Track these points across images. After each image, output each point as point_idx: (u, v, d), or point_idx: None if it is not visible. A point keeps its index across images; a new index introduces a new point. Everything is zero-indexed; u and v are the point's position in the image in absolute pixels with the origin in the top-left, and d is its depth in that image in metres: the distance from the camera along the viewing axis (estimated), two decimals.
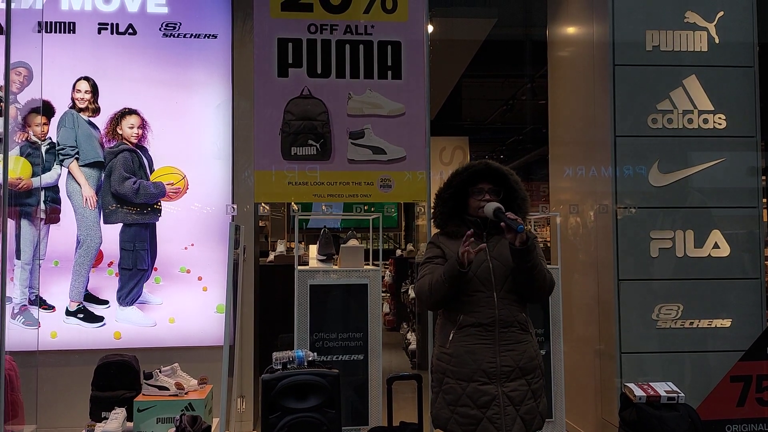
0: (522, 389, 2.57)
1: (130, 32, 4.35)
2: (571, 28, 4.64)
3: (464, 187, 2.72)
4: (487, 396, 2.54)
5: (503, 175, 2.70)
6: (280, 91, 3.78)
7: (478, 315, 2.59)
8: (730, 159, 3.89)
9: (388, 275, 8.65)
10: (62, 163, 4.27)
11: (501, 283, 2.60)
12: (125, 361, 3.81)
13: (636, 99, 3.87)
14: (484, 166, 2.71)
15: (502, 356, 2.57)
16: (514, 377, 2.57)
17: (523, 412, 2.55)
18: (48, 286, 4.24)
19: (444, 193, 2.75)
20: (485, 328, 2.58)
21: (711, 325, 3.84)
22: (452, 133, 8.96)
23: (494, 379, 2.55)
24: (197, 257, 4.35)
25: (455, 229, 2.71)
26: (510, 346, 2.58)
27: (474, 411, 2.54)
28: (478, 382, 2.55)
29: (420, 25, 3.89)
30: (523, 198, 2.71)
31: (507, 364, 2.56)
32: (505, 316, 2.59)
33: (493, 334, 2.58)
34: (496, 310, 2.58)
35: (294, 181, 3.77)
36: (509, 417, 2.53)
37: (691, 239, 3.85)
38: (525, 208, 2.71)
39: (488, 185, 2.68)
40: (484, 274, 2.61)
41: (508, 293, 2.61)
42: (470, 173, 2.71)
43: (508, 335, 2.59)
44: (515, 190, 2.70)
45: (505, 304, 2.59)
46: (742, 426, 3.78)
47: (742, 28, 3.95)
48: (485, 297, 2.59)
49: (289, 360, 2.94)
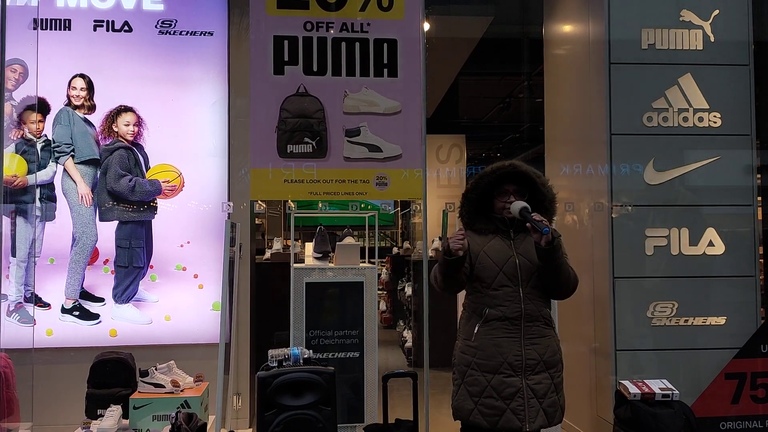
0: (546, 382, 2.63)
1: (125, 29, 4.34)
2: (567, 26, 4.65)
3: (490, 188, 2.74)
4: (511, 388, 2.59)
5: (531, 179, 2.73)
6: (276, 89, 3.77)
7: (504, 309, 2.64)
8: (725, 157, 3.90)
9: (385, 273, 8.66)
10: (58, 160, 4.26)
11: (527, 279, 2.66)
12: (121, 358, 3.80)
13: (631, 97, 3.88)
14: (511, 168, 2.73)
15: (527, 350, 2.62)
16: (539, 370, 2.63)
17: (546, 405, 2.61)
18: (43, 283, 4.24)
19: (471, 194, 2.78)
20: (511, 321, 2.63)
21: (706, 322, 3.85)
22: (449, 131, 8.95)
23: (519, 371, 2.61)
24: (193, 255, 4.35)
25: (483, 227, 2.76)
26: (535, 340, 2.64)
27: (498, 402, 2.60)
28: (503, 374, 2.61)
29: (416, 23, 3.89)
30: (551, 200, 2.75)
31: (532, 357, 2.62)
32: (531, 310, 2.64)
33: (519, 328, 2.63)
34: (522, 305, 2.63)
35: (290, 178, 3.77)
36: (533, 409, 2.59)
37: (686, 237, 3.86)
38: (552, 210, 2.76)
39: (513, 186, 2.72)
40: (510, 269, 2.66)
41: (533, 289, 2.67)
42: (498, 175, 2.73)
43: (533, 329, 2.64)
44: (542, 192, 2.74)
45: (530, 299, 2.65)
46: (736, 423, 3.79)
47: (737, 27, 3.96)
48: (511, 292, 2.64)
49: (285, 357, 2.95)
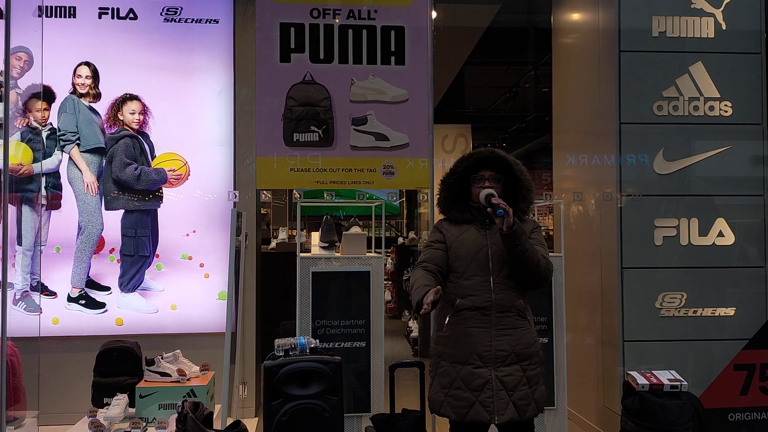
0: (516, 375, 2.58)
1: (131, 17, 4.31)
2: (576, 15, 4.59)
3: (468, 174, 2.73)
4: (480, 379, 2.56)
5: (508, 164, 2.71)
6: (282, 77, 3.74)
7: (474, 299, 2.61)
8: (736, 147, 3.86)
9: (390, 263, 8.64)
10: (63, 148, 4.25)
11: (499, 269, 2.62)
12: (127, 347, 3.80)
13: (641, 86, 3.84)
14: (489, 153, 2.73)
15: (497, 340, 2.58)
16: (509, 362, 2.58)
17: (516, 398, 2.56)
18: (49, 272, 4.23)
19: (449, 178, 2.77)
20: (481, 312, 2.60)
21: (715, 313, 3.82)
22: (455, 121, 8.92)
23: (488, 362, 2.57)
24: (199, 244, 4.34)
25: (458, 214, 2.74)
26: (506, 331, 2.60)
27: (467, 394, 2.57)
28: (472, 365, 2.58)
29: (424, 11, 3.85)
30: (527, 188, 2.72)
31: (502, 348, 2.58)
32: (502, 300, 2.60)
33: (489, 319, 2.59)
34: (492, 295, 2.60)
35: (296, 167, 3.75)
36: (502, 401, 2.55)
37: (695, 227, 3.82)
38: (529, 198, 2.73)
39: (490, 172, 2.70)
40: (482, 258, 2.63)
41: (505, 278, 2.62)
42: (475, 160, 2.72)
43: (505, 320, 2.60)
44: (519, 179, 2.71)
45: (501, 289, 2.61)
46: (745, 414, 3.77)
47: (749, 15, 3.91)
48: (482, 281, 2.61)
49: (291, 347, 2.93)
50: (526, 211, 2.74)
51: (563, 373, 3.69)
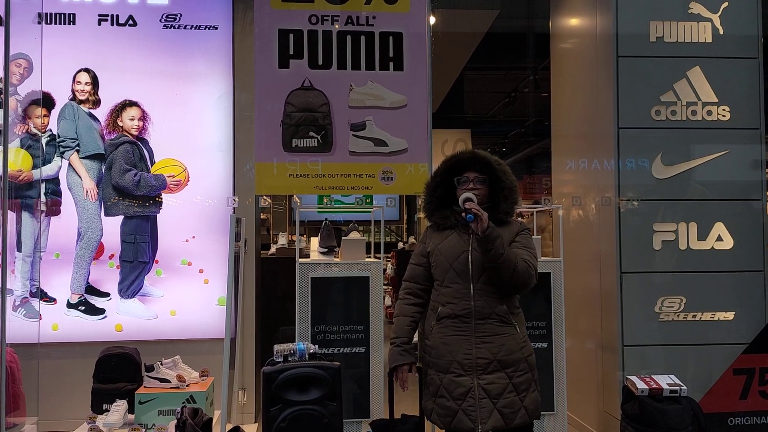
0: (500, 382, 2.54)
1: (130, 23, 4.33)
2: (574, 20, 4.61)
3: (452, 178, 2.70)
4: (462, 388, 2.54)
5: (490, 165, 2.67)
6: (281, 83, 3.75)
7: (453, 306, 2.59)
8: (734, 151, 3.87)
9: (390, 268, 8.65)
10: (63, 155, 4.26)
11: (478, 275, 2.58)
12: (126, 353, 3.80)
13: (639, 91, 3.84)
14: (470, 155, 2.70)
15: (478, 348, 2.56)
16: (492, 370, 2.55)
17: (501, 406, 2.53)
18: (49, 278, 4.24)
19: (431, 182, 2.75)
20: (461, 319, 2.58)
21: (714, 317, 3.82)
22: (454, 126, 8.95)
23: (470, 371, 2.55)
24: (198, 250, 4.34)
25: (440, 220, 2.70)
26: (487, 338, 2.56)
27: (450, 403, 2.56)
28: (453, 374, 2.56)
29: (422, 17, 3.86)
30: (510, 188, 2.67)
31: (483, 356, 2.55)
32: (482, 307, 2.57)
33: (470, 326, 2.57)
34: (472, 302, 2.57)
35: (295, 173, 3.76)
36: (484, 410, 2.52)
37: (694, 232, 3.83)
38: (512, 198, 2.68)
39: (474, 174, 2.66)
40: (461, 265, 2.60)
41: (485, 285, 2.57)
42: (456, 161, 2.69)
43: (485, 327, 2.57)
44: (501, 180, 2.66)
45: (481, 296, 2.57)
46: (744, 419, 3.77)
47: (746, 20, 3.92)
48: (461, 288, 2.59)
49: (291, 352, 2.93)
50: (510, 212, 2.68)
51: (563, 377, 3.68)
